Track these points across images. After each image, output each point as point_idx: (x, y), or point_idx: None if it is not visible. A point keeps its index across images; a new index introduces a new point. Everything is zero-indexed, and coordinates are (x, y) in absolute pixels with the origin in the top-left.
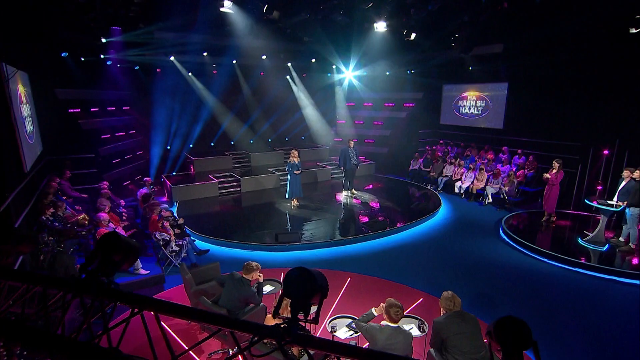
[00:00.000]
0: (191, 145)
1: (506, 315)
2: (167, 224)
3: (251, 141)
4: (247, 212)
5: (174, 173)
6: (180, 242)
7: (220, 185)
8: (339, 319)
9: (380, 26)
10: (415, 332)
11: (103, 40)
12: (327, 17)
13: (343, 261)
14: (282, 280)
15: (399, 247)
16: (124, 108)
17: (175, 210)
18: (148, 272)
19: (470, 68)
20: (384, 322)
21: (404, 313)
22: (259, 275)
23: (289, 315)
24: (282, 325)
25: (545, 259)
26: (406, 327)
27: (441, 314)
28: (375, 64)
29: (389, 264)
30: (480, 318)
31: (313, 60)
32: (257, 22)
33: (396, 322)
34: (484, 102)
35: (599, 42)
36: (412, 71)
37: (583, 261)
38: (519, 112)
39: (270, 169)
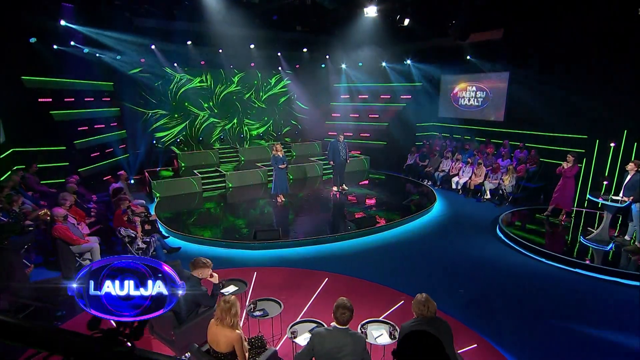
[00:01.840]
0: (178, 140)
1: (416, 330)
2: (136, 219)
3: (242, 135)
4: (230, 209)
5: (159, 168)
6: (148, 239)
7: (204, 181)
8: (302, 323)
9: (371, 11)
10: (385, 339)
11: (62, 22)
12: (314, 2)
13: (326, 260)
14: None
15: (387, 245)
16: (104, 99)
17: (153, 206)
18: None
19: (468, 57)
20: (332, 324)
21: (380, 317)
22: (211, 274)
23: None
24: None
25: (544, 259)
26: (375, 334)
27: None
28: (370, 55)
29: (375, 264)
30: (471, 325)
31: (305, 50)
32: (238, 7)
33: (342, 324)
34: (484, 93)
35: (606, 26)
36: (409, 61)
37: (588, 262)
38: (520, 103)
39: (258, 164)
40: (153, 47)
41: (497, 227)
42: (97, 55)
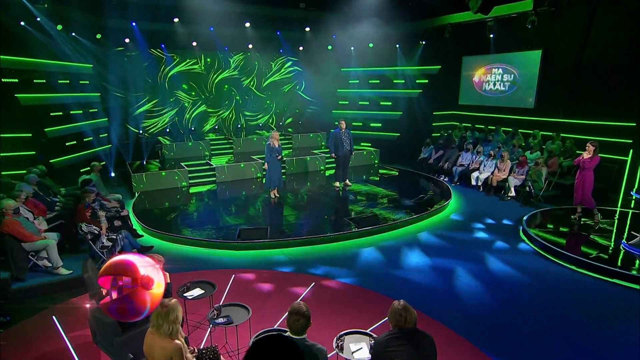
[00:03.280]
0: (167, 130)
1: (270, 335)
2: (102, 214)
3: (238, 125)
4: (217, 205)
5: (145, 160)
6: (114, 237)
7: (191, 175)
8: (270, 333)
9: None
10: (364, 353)
11: None
12: None
13: (319, 263)
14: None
15: (390, 247)
16: (81, 82)
17: (132, 201)
18: (71, 272)
19: (491, 36)
20: (287, 334)
21: (368, 330)
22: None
23: None
24: None
25: (574, 267)
26: (353, 347)
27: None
28: (381, 35)
29: (373, 268)
30: (477, 342)
31: (307, 29)
32: None
33: (297, 333)
34: (512, 75)
35: None
36: (425, 42)
37: (627, 271)
38: (555, 86)
39: (254, 157)
40: (134, 24)
41: (520, 228)
42: (73, 34)
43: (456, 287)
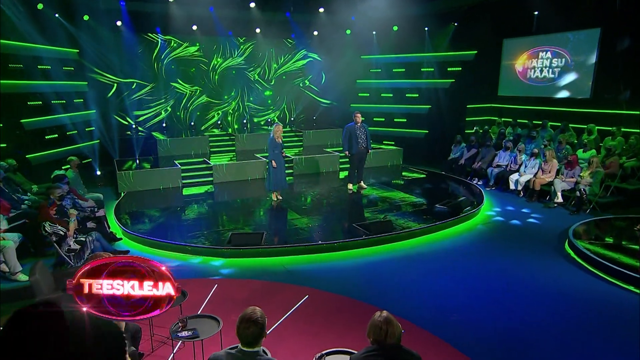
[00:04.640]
0: (164, 124)
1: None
2: (72, 212)
3: (244, 120)
4: (211, 208)
5: (137, 157)
6: (83, 239)
7: (185, 174)
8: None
9: None
10: None
11: None
12: None
13: (320, 273)
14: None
15: (405, 258)
16: (65, 68)
17: (115, 202)
18: None
19: (535, 13)
20: (238, 346)
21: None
22: None
23: None
24: None
25: (632, 287)
26: None
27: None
28: (406, 16)
29: (382, 282)
30: None
31: (321, 9)
32: None
33: (247, 344)
34: (563, 60)
35: None
36: (457, 23)
37: None
38: (615, 72)
39: (257, 154)
40: (123, 4)
41: (566, 241)
42: (56, 15)
43: (478, 306)
